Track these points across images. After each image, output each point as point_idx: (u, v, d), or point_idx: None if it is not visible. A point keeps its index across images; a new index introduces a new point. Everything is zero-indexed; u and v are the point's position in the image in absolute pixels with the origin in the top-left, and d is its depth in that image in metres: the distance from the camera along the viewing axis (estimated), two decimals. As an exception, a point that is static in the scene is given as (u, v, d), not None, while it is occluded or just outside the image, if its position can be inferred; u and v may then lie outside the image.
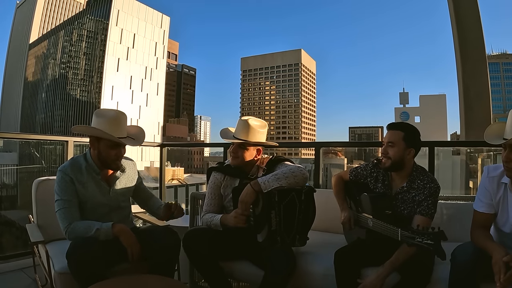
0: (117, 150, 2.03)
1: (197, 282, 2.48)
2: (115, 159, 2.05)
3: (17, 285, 2.57)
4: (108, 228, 1.87)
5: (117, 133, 2.01)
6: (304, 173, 2.02)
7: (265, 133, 2.26)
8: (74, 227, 1.88)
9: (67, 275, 1.84)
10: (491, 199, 1.77)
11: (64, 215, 1.92)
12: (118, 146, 2.03)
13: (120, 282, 1.72)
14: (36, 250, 2.31)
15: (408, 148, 1.98)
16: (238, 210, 1.98)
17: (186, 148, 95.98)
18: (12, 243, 4.36)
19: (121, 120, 2.06)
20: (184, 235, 2.10)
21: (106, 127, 1.98)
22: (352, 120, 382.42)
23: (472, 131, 5.23)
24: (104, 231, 1.86)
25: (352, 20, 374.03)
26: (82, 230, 1.87)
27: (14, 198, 10.42)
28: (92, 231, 1.85)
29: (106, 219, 1.99)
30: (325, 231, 2.57)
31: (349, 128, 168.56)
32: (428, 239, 1.50)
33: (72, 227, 1.88)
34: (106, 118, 2.01)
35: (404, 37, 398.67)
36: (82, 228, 1.87)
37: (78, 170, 2.02)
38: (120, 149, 2.05)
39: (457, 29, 5.25)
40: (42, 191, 2.39)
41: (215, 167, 2.36)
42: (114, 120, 2.03)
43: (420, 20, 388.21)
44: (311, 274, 2.02)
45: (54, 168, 9.28)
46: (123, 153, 2.09)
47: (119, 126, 2.04)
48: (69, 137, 3.33)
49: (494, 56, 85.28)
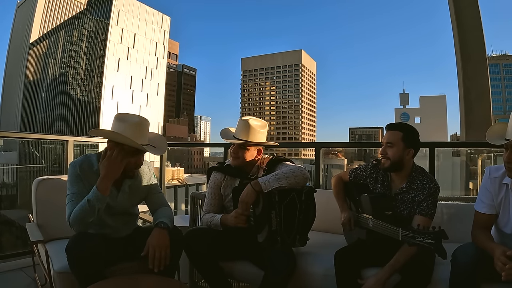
0: (137, 157, 1.94)
1: (197, 282, 2.47)
2: (134, 167, 1.97)
3: (17, 284, 2.57)
4: (94, 191, 1.79)
5: (140, 140, 1.90)
6: (304, 173, 2.02)
7: (265, 133, 2.25)
8: (73, 212, 1.81)
9: (66, 274, 1.84)
10: (492, 200, 1.77)
11: (71, 207, 1.84)
12: (139, 154, 1.94)
13: (119, 282, 1.71)
14: (36, 250, 2.30)
15: (407, 149, 1.98)
16: (238, 210, 1.97)
17: (186, 148, 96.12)
18: (11, 243, 4.35)
19: (144, 126, 1.97)
20: (184, 235, 2.09)
21: (128, 133, 1.87)
22: (352, 121, 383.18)
23: (473, 132, 5.23)
24: (94, 198, 1.78)
25: (352, 20, 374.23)
26: (79, 210, 1.79)
27: (13, 197, 10.41)
28: (86, 205, 1.77)
29: (109, 221, 1.99)
30: (325, 232, 2.57)
31: (349, 129, 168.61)
32: (429, 239, 1.49)
33: (72, 213, 1.81)
34: (129, 123, 1.91)
35: (404, 38, 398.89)
36: (78, 209, 1.79)
37: (89, 168, 1.95)
38: (140, 156, 1.96)
39: (458, 30, 5.26)
40: (42, 190, 2.38)
41: (215, 167, 2.36)
42: (137, 126, 1.93)
43: (421, 21, 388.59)
44: (311, 275, 2.01)
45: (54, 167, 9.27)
46: (143, 160, 2.00)
47: (142, 132, 1.95)
48: (69, 137, 3.33)
49: (494, 57, 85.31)
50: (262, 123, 2.26)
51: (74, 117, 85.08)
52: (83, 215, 1.79)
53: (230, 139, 2.26)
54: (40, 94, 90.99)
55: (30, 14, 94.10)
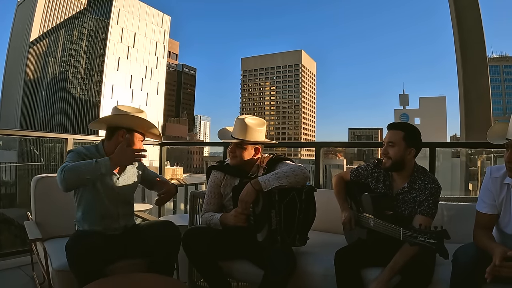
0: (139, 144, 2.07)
1: (196, 282, 2.47)
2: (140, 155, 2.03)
3: (15, 282, 2.55)
4: (106, 160, 1.80)
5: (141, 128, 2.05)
6: (305, 172, 2.01)
7: (263, 132, 2.24)
8: (73, 164, 1.77)
9: (65, 272, 1.83)
10: (493, 200, 1.76)
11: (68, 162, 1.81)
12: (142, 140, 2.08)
13: (119, 280, 1.70)
14: (34, 248, 2.28)
15: (409, 148, 1.97)
16: (238, 209, 1.96)
17: (186, 147, 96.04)
18: (10, 241, 4.34)
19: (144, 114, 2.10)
20: (183, 233, 2.09)
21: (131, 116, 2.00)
22: (351, 121, 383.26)
23: (472, 133, 5.22)
24: (103, 163, 1.78)
25: (350, 19, 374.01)
26: (82, 163, 1.77)
27: (13, 196, 10.40)
28: (93, 163, 1.77)
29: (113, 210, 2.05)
30: (325, 232, 2.56)
31: (349, 130, 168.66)
32: (430, 238, 1.48)
33: (71, 164, 1.77)
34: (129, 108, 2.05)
35: (404, 37, 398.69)
36: (81, 163, 1.78)
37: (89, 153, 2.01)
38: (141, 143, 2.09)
39: (458, 30, 5.25)
40: (41, 188, 2.37)
41: (215, 165, 2.35)
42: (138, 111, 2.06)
43: (421, 20, 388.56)
44: (311, 274, 2.00)
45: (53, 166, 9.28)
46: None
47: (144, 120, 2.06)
48: (68, 135, 3.31)
49: (494, 58, 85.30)
50: (259, 122, 2.24)
51: (73, 116, 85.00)
52: (84, 168, 1.75)
53: (227, 139, 2.26)
54: (40, 92, 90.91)
55: (30, 12, 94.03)
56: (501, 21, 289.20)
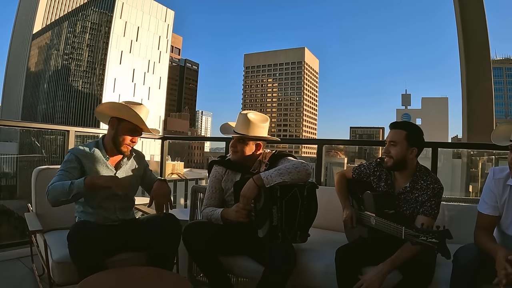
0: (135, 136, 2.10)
1: (195, 277, 2.47)
2: (129, 144, 2.09)
3: (14, 274, 2.55)
4: (80, 182, 1.85)
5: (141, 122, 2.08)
6: (307, 169, 2.00)
7: (266, 128, 2.22)
8: (53, 185, 1.87)
9: (64, 264, 1.83)
10: (496, 201, 1.76)
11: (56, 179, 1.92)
12: (136, 133, 2.09)
13: (119, 273, 1.70)
14: (34, 239, 2.29)
15: (411, 148, 1.96)
16: (239, 204, 1.96)
17: (187, 142, 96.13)
18: (10, 233, 4.34)
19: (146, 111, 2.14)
20: (183, 228, 2.08)
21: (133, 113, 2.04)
22: (353, 120, 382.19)
23: (474, 135, 5.19)
24: (77, 184, 1.84)
25: (352, 15, 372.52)
26: (59, 187, 1.85)
27: (13, 188, 10.40)
28: (67, 186, 1.83)
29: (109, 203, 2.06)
30: (326, 229, 2.56)
31: (350, 128, 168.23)
32: (432, 238, 1.48)
33: (52, 186, 1.87)
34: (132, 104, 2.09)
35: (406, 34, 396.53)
36: (59, 185, 1.86)
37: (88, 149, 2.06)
38: (137, 136, 2.11)
39: (462, 31, 5.22)
40: (42, 179, 2.36)
41: (217, 160, 2.35)
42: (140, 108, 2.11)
43: (424, 19, 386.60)
44: (312, 271, 2.00)
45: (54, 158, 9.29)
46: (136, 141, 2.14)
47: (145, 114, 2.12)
48: (70, 127, 3.29)
49: (497, 61, 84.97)
50: (261, 117, 2.23)
51: (75, 109, 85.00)
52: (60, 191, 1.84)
53: (229, 134, 2.25)
54: (42, 85, 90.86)
55: (33, 4, 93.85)
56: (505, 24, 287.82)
